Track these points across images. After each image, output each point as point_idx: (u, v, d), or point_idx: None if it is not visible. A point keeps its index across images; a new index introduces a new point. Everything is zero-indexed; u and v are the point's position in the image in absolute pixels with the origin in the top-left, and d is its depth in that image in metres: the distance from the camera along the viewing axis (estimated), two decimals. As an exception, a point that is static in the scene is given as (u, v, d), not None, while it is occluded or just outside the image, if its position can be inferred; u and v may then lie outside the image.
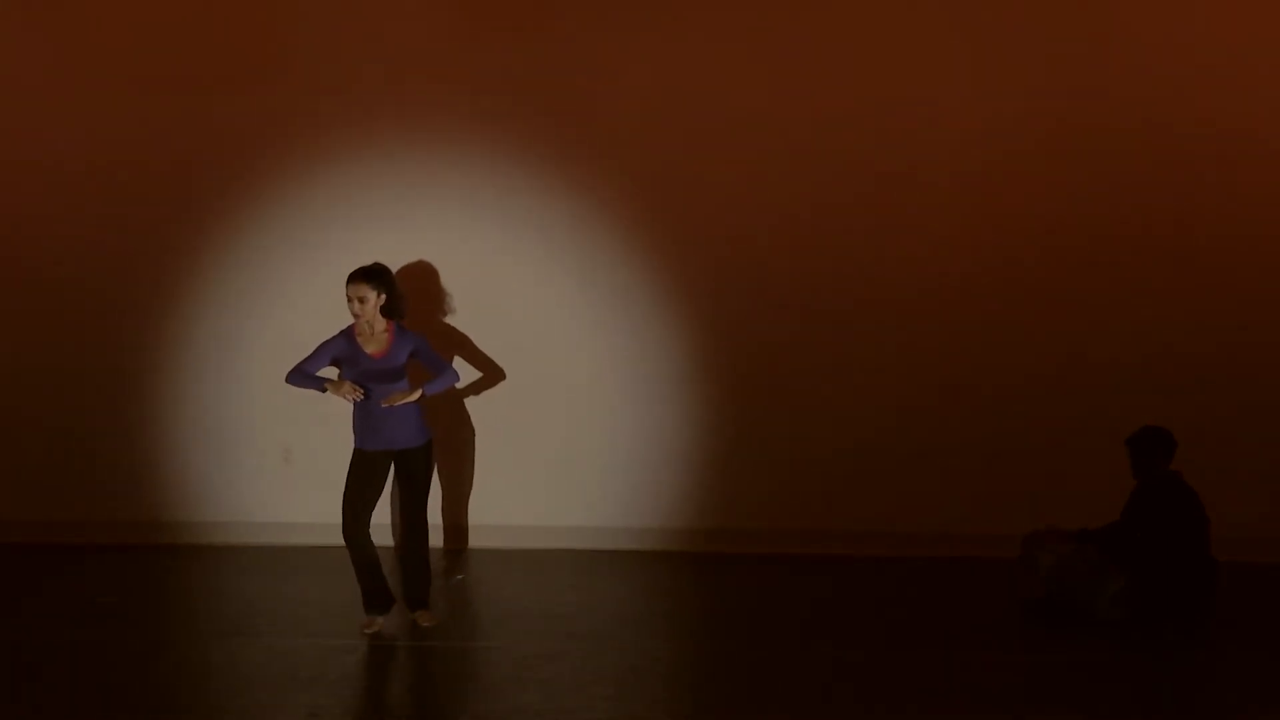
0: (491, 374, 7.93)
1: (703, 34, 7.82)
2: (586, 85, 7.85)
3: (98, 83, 7.95)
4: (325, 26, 7.91)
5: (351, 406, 6.39)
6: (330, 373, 6.45)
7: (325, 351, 6.43)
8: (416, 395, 6.36)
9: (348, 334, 6.44)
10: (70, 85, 7.97)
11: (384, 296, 6.39)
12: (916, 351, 7.84)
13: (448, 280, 7.88)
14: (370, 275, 6.39)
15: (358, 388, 6.32)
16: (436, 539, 7.97)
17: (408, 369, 6.48)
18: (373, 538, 6.45)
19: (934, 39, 7.76)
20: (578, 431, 7.98)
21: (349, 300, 6.37)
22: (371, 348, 6.39)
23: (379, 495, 6.43)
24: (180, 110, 7.92)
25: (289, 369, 6.46)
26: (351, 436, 6.50)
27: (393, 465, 6.45)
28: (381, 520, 6.41)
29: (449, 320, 7.88)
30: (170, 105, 7.92)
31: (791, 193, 7.84)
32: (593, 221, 7.92)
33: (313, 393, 6.47)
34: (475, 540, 8.07)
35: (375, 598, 6.45)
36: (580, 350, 7.95)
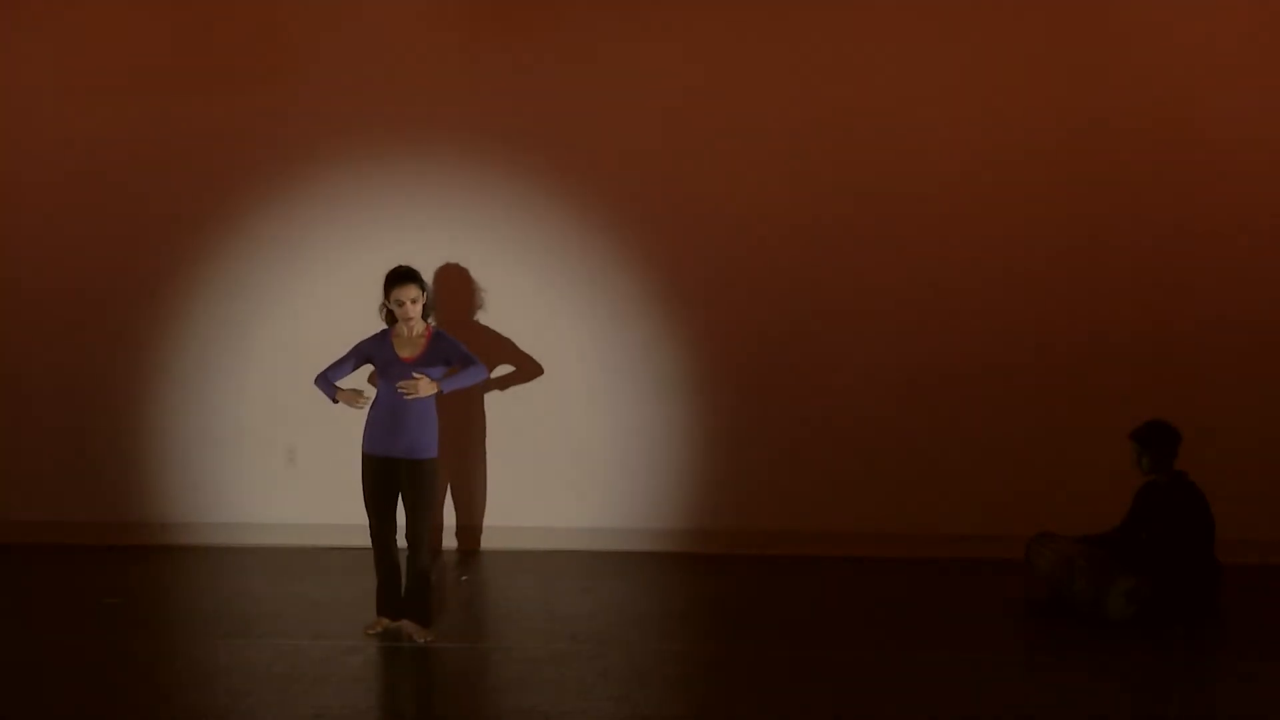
0: (501, 377, 7.94)
1: (702, 39, 7.84)
2: (588, 92, 7.87)
3: (103, 83, 7.98)
4: (331, 30, 7.93)
5: (365, 409, 6.37)
6: (364, 372, 6.32)
7: (358, 352, 6.38)
8: (435, 389, 6.23)
9: (385, 336, 6.37)
10: (76, 86, 7.99)
11: (425, 295, 6.34)
12: (918, 353, 7.86)
13: (454, 283, 7.89)
14: (416, 276, 6.32)
15: (360, 394, 6.31)
16: (449, 540, 8.02)
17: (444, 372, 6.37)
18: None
19: (933, 39, 7.79)
20: (583, 434, 8.00)
21: (400, 304, 6.24)
22: (406, 352, 6.30)
23: (392, 499, 6.32)
24: (185, 112, 7.94)
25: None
26: (355, 439, 6.47)
27: (396, 475, 6.31)
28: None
29: (453, 325, 7.89)
30: (176, 107, 7.95)
31: (792, 193, 7.86)
32: (598, 225, 7.93)
33: (316, 394, 6.48)
34: (483, 541, 8.09)
35: (385, 605, 6.41)
36: (586, 353, 7.97)
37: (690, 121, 7.87)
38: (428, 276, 7.75)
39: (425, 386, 6.21)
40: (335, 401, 6.37)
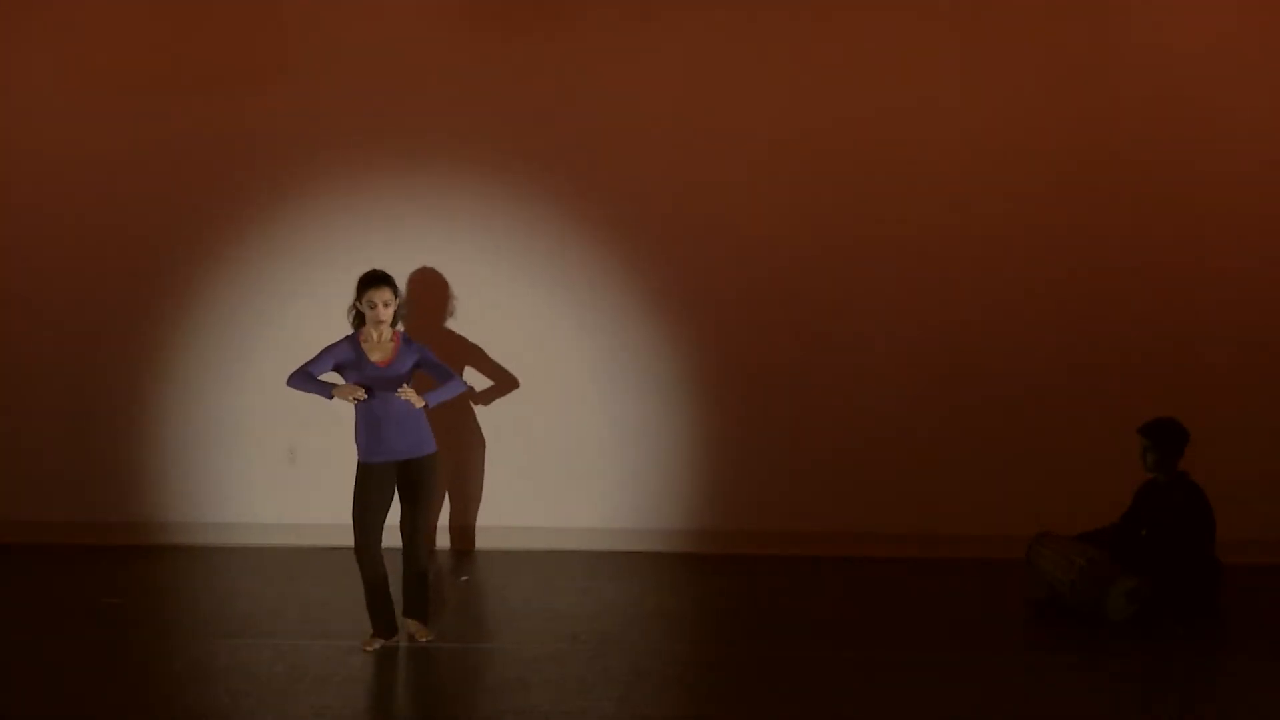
0: (498, 378, 7.94)
1: (703, 43, 7.85)
2: (586, 93, 7.88)
3: (107, 84, 7.98)
4: (333, 31, 7.94)
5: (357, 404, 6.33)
6: (332, 378, 6.30)
7: (329, 356, 6.29)
8: (422, 404, 6.21)
9: (353, 340, 6.31)
10: (80, 87, 7.99)
11: (398, 300, 6.31)
12: (920, 354, 7.86)
13: (454, 284, 7.89)
14: (389, 279, 6.29)
15: (360, 388, 6.21)
16: (444, 540, 8.02)
17: (413, 379, 6.30)
18: (383, 554, 6.29)
19: (935, 44, 7.79)
20: (583, 433, 8.00)
21: (372, 306, 6.20)
22: (376, 355, 6.26)
23: (387, 509, 6.27)
24: (185, 113, 7.95)
25: (291, 371, 6.37)
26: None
27: (396, 477, 6.27)
28: (392, 520, 6.30)
29: (453, 325, 7.90)
30: (178, 108, 7.96)
31: (794, 194, 7.86)
32: (599, 225, 7.93)
33: (318, 395, 6.40)
34: (481, 542, 8.09)
35: (379, 624, 6.30)
36: (585, 353, 7.98)
37: (693, 123, 7.86)
38: (428, 277, 7.81)
39: (415, 398, 6.19)
40: (331, 398, 6.32)
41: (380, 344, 6.30)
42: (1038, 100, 7.75)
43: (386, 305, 6.24)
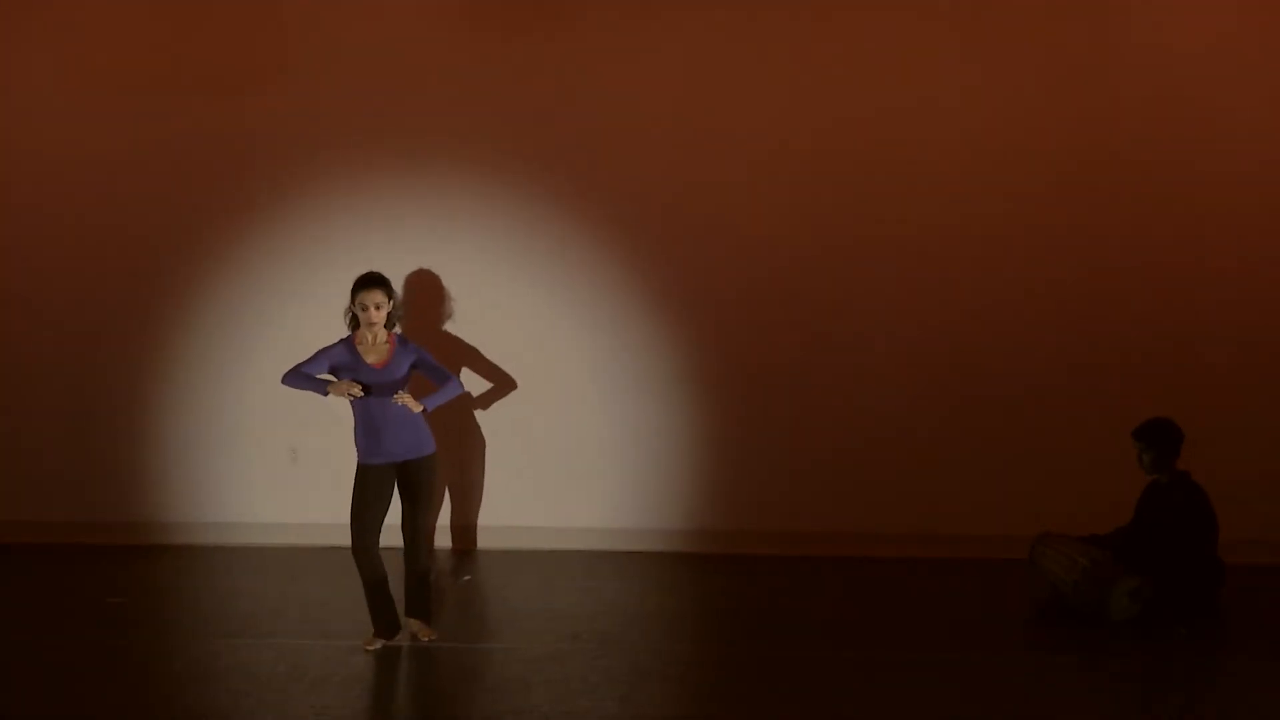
0: (498, 379, 7.94)
1: (703, 43, 7.84)
2: (586, 93, 7.87)
3: (107, 84, 7.98)
4: (333, 32, 7.94)
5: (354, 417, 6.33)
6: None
7: (324, 358, 6.29)
8: (420, 409, 6.22)
9: (348, 343, 6.30)
10: (80, 87, 7.99)
11: (392, 302, 6.32)
12: (920, 354, 7.86)
13: (454, 284, 7.89)
14: (382, 281, 6.29)
15: (355, 383, 6.19)
16: (444, 540, 8.02)
17: (411, 380, 6.32)
18: (382, 554, 6.29)
19: (935, 44, 7.78)
20: (583, 433, 8.00)
21: (364, 308, 6.20)
22: (372, 358, 6.25)
23: (385, 511, 6.28)
24: (185, 113, 7.95)
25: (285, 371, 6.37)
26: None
27: (396, 478, 6.29)
28: (393, 520, 6.31)
29: (453, 325, 7.90)
30: (178, 108, 7.95)
31: (794, 194, 7.86)
32: (600, 225, 7.93)
33: (313, 392, 6.38)
34: (482, 542, 8.09)
35: (381, 623, 6.31)
36: (585, 353, 7.97)
37: (693, 123, 7.86)
38: (427, 277, 7.81)
39: (413, 404, 6.20)
40: (326, 394, 6.31)
41: (375, 346, 6.29)
42: (1038, 100, 7.74)
43: (379, 308, 6.24)
